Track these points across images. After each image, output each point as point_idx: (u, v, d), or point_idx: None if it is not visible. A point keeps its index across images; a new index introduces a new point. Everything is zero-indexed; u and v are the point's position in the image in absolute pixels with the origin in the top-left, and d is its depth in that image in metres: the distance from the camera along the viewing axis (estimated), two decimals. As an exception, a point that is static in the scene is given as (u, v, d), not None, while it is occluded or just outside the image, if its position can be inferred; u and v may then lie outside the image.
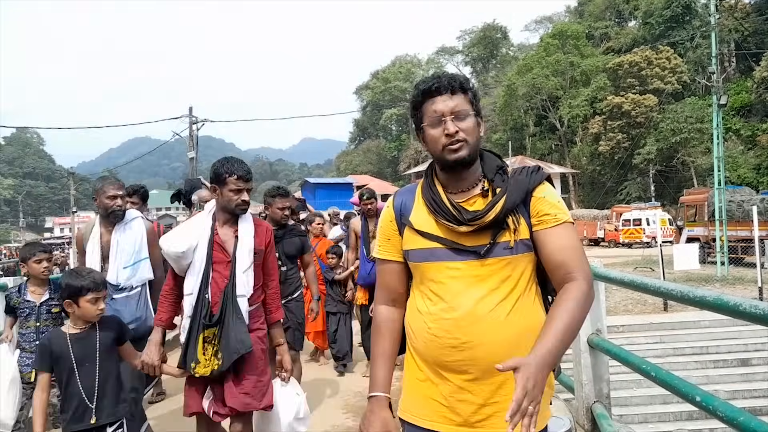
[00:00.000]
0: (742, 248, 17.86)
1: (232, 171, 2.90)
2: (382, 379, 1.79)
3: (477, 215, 1.64)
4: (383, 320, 1.86)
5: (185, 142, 24.21)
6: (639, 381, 7.91)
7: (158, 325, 3.04)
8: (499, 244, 1.65)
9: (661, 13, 45.48)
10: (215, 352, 2.83)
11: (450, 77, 1.70)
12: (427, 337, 1.70)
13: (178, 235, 3.03)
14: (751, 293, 11.68)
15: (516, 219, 1.66)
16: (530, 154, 48.22)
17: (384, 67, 72.22)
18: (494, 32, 66.11)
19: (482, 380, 1.64)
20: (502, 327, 1.64)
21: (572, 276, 1.60)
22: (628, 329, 9.90)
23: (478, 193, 1.72)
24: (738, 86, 41.32)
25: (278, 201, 4.63)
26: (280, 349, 3.18)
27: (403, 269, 1.84)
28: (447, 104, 1.67)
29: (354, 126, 78.03)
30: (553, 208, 1.68)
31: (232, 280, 2.89)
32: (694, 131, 37.41)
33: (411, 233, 1.75)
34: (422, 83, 1.72)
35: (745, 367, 9.03)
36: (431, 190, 1.75)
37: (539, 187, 1.70)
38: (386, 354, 1.83)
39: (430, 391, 1.71)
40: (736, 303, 1.80)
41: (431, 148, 1.72)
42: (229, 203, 2.93)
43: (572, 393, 3.51)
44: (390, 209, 1.85)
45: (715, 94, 17.58)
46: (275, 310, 3.19)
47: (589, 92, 45.79)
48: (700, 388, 2.18)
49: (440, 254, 1.69)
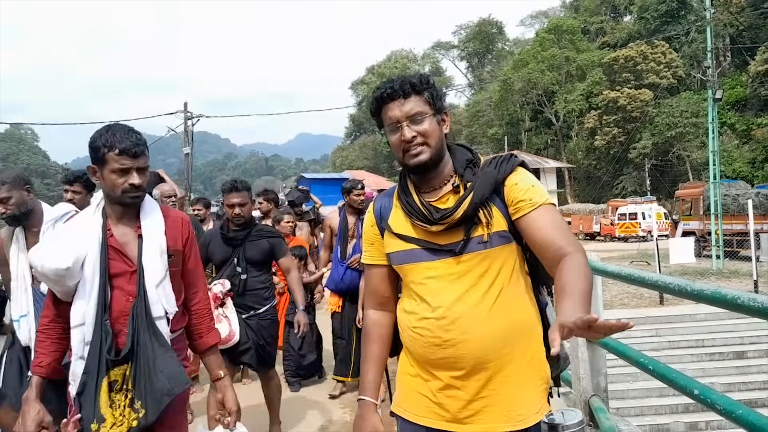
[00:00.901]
0: (737, 242, 17.95)
1: (113, 144, 2.03)
2: (371, 383, 1.80)
3: (446, 213, 1.62)
4: (372, 324, 1.87)
5: (180, 137, 24.10)
6: (635, 374, 7.95)
7: (37, 374, 2.07)
8: (473, 240, 1.63)
9: (657, 7, 45.48)
10: (130, 400, 2.00)
11: (402, 80, 1.67)
12: (413, 335, 1.71)
13: (56, 244, 2.10)
14: (747, 287, 11.72)
15: (488, 212, 1.63)
16: (526, 149, 48.28)
17: (380, 62, 72.07)
18: (490, 27, 66.00)
19: (470, 376, 1.64)
20: (485, 322, 1.62)
21: (564, 251, 1.53)
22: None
23: (450, 190, 1.70)
24: (733, 81, 41.42)
25: (230, 196, 3.82)
26: (219, 384, 2.29)
27: (389, 273, 1.84)
28: (401, 109, 1.65)
29: (350, 121, 77.95)
30: (527, 193, 1.63)
31: (142, 298, 2.06)
32: (690, 125, 37.53)
33: (390, 236, 1.76)
34: (376, 90, 1.70)
35: (741, 360, 9.09)
36: (404, 192, 1.75)
37: (510, 176, 1.67)
38: (376, 358, 1.83)
39: (420, 386, 1.72)
40: (734, 296, 1.81)
41: (394, 151, 1.71)
42: (114, 190, 2.07)
43: (570, 387, 3.52)
44: (371, 214, 1.85)
45: (711, 89, 17.64)
46: (206, 332, 2.32)
47: (584, 87, 45.84)
48: (698, 382, 2.18)
49: (418, 255, 1.69)
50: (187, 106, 23.88)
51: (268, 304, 3.93)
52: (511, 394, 1.65)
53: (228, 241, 3.89)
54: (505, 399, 1.64)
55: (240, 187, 3.89)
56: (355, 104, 73.93)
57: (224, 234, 3.92)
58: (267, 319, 3.91)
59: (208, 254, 3.90)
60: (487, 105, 52.88)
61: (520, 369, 1.66)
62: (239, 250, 3.85)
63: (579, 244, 1.58)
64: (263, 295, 3.91)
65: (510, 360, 1.65)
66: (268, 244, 3.94)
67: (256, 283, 3.88)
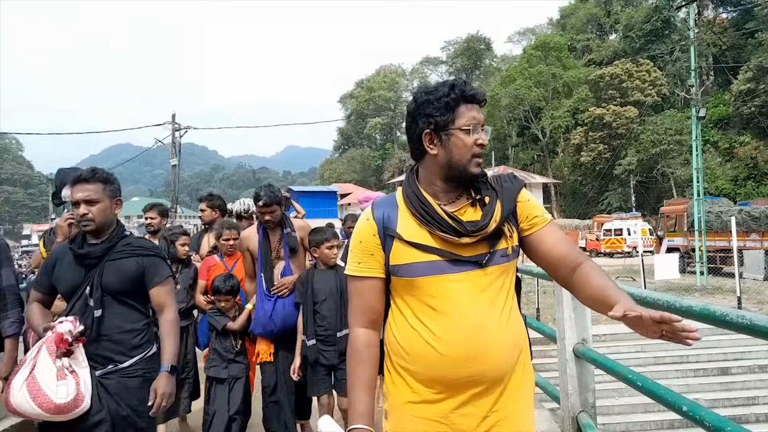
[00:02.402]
0: (720, 258, 18.13)
1: None
2: (364, 409, 1.65)
3: (480, 225, 1.60)
4: (363, 345, 1.70)
5: (168, 149, 24.00)
6: (621, 390, 7.95)
7: None
8: (498, 252, 1.64)
9: (641, 26, 46.24)
10: None
11: (483, 91, 1.68)
12: (431, 355, 1.60)
13: None
14: (730, 303, 11.84)
15: (510, 226, 1.66)
16: (513, 164, 48.62)
17: (369, 77, 72.49)
18: (478, 43, 66.67)
19: (489, 391, 1.62)
20: (505, 335, 1.63)
21: (580, 260, 1.63)
22: (611, 338, 9.95)
23: (467, 202, 1.69)
24: (716, 99, 42.09)
25: (74, 190, 2.60)
26: None
27: (384, 287, 1.72)
28: (481, 115, 1.65)
29: (338, 134, 78.09)
30: (538, 209, 1.70)
31: None
32: (674, 143, 38.01)
33: (402, 246, 1.64)
34: (459, 85, 1.64)
35: (725, 376, 9.13)
36: (420, 202, 1.65)
37: (521, 193, 1.71)
38: (368, 383, 1.68)
39: (426, 411, 1.63)
40: (723, 313, 1.82)
41: (456, 154, 1.63)
42: None
43: (558, 403, 3.52)
44: (371, 221, 1.71)
45: (694, 107, 17.89)
46: None
47: (571, 103, 46.37)
48: (686, 398, 2.19)
49: (441, 267, 1.61)
50: (174, 117, 23.82)
51: (137, 356, 2.60)
52: (518, 406, 1.66)
53: (79, 260, 2.60)
54: (515, 412, 1.65)
55: (88, 176, 2.59)
56: (343, 117, 74.22)
57: (74, 249, 2.62)
58: (135, 377, 2.58)
59: (53, 279, 2.67)
60: (474, 120, 53.19)
61: (521, 380, 1.68)
62: (93, 274, 2.58)
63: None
64: (130, 342, 2.60)
65: (516, 371, 1.66)
66: (136, 267, 2.63)
67: (119, 324, 2.59)
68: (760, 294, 13.65)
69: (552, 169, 48.16)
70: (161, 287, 2.68)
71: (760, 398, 8.55)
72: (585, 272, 1.60)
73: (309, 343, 3.68)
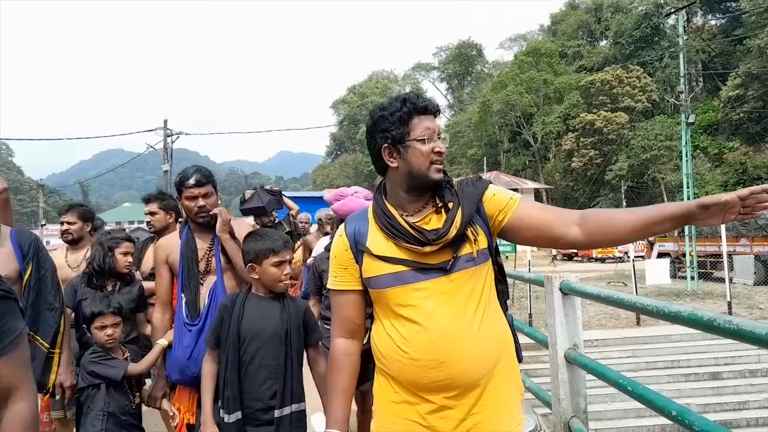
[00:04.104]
0: (710, 263, 18.24)
1: None
2: (339, 416, 1.76)
3: (440, 233, 1.64)
4: (341, 354, 1.80)
5: (159, 154, 23.92)
6: (613, 395, 7.98)
7: None
8: (462, 257, 1.66)
9: (631, 33, 46.62)
10: None
11: (431, 100, 1.73)
12: (404, 361, 1.66)
13: None
14: (720, 308, 11.90)
15: (474, 230, 1.69)
16: (504, 169, 48.76)
17: (361, 82, 72.72)
18: (469, 49, 67.00)
19: (464, 395, 1.64)
20: (476, 341, 1.64)
21: (575, 213, 1.68)
22: (602, 343, 10.00)
23: (432, 210, 1.72)
24: (705, 105, 42.43)
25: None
26: None
27: (362, 299, 1.80)
28: (435, 124, 1.70)
29: (331, 140, 78.15)
30: (505, 196, 1.74)
31: None
32: (664, 149, 38.28)
33: (371, 260, 1.71)
34: (413, 99, 1.70)
35: (716, 381, 9.18)
36: (385, 215, 1.71)
37: (486, 192, 1.74)
38: (344, 390, 1.78)
39: (407, 412, 1.69)
40: (710, 318, 1.84)
41: (414, 164, 1.67)
42: None
43: (549, 408, 3.53)
44: (344, 237, 1.78)
45: (684, 113, 18.04)
46: None
47: (562, 109, 46.59)
48: (676, 403, 2.20)
49: (406, 277, 1.66)
50: (166, 122, 23.76)
51: None
52: (498, 409, 1.67)
53: None
54: (495, 415, 1.66)
55: None
56: (336, 123, 74.22)
57: None
58: None
59: None
60: (466, 126, 53.40)
61: (503, 383, 1.69)
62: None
63: None
64: None
65: (495, 375, 1.67)
66: None
67: None
68: (750, 299, 13.73)
69: (543, 175, 48.34)
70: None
71: (751, 402, 8.61)
72: (598, 213, 1.67)
73: (227, 419, 2.32)
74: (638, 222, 1.56)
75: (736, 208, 1.42)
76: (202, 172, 2.81)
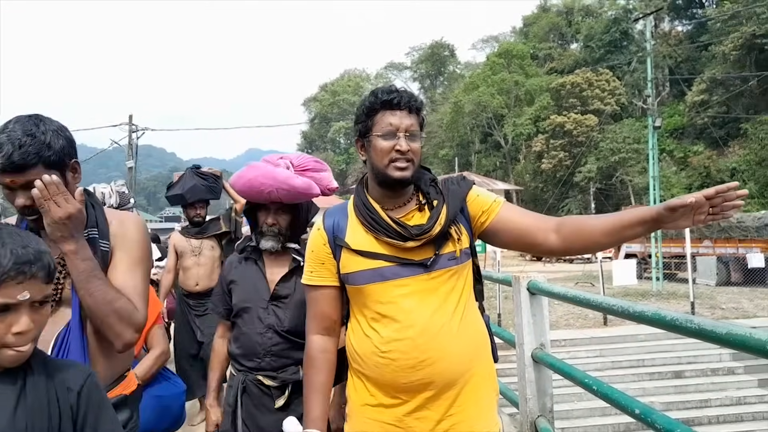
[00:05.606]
0: (675, 264, 18.63)
1: None
2: (317, 414, 1.71)
3: (424, 229, 1.62)
4: (318, 351, 1.75)
5: (124, 150, 23.48)
6: (579, 394, 8.08)
7: None
8: (444, 255, 1.65)
9: (601, 37, 47.42)
10: None
11: (411, 95, 1.68)
12: (381, 361, 1.63)
13: None
14: (684, 308, 12.14)
15: (458, 229, 1.67)
16: (476, 170, 49.08)
17: (333, 80, 72.55)
18: (442, 50, 67.35)
19: (441, 395, 1.62)
20: (455, 339, 1.63)
21: (553, 219, 1.67)
22: (570, 343, 10.12)
23: (415, 207, 1.71)
24: (671, 110, 43.37)
25: None
26: None
27: (338, 295, 1.76)
28: (403, 121, 1.64)
29: (302, 138, 77.69)
30: (489, 198, 1.73)
31: None
32: (632, 151, 38.97)
33: (350, 255, 1.67)
34: (382, 92, 1.66)
35: (679, 380, 9.39)
36: (367, 209, 1.68)
37: (470, 193, 1.73)
38: (322, 388, 1.74)
39: (382, 415, 1.66)
40: (672, 318, 1.85)
41: (375, 160, 1.65)
42: None
43: (516, 408, 3.54)
44: (322, 231, 1.74)
45: (651, 117, 18.38)
46: None
47: (532, 111, 47.12)
48: (639, 401, 2.22)
49: (386, 273, 1.63)
50: (132, 118, 23.31)
51: None
52: (475, 410, 1.66)
53: None
54: (472, 416, 1.65)
55: None
56: (307, 121, 73.90)
57: None
58: None
59: None
60: (438, 126, 53.63)
61: (480, 383, 1.68)
62: None
63: None
64: None
65: (472, 375, 1.66)
66: None
67: None
68: (713, 299, 14.07)
69: (514, 176, 48.83)
70: None
71: (712, 401, 8.82)
72: (574, 220, 1.65)
73: None
74: (613, 227, 1.55)
75: (705, 209, 1.41)
76: (22, 146, 1.45)
